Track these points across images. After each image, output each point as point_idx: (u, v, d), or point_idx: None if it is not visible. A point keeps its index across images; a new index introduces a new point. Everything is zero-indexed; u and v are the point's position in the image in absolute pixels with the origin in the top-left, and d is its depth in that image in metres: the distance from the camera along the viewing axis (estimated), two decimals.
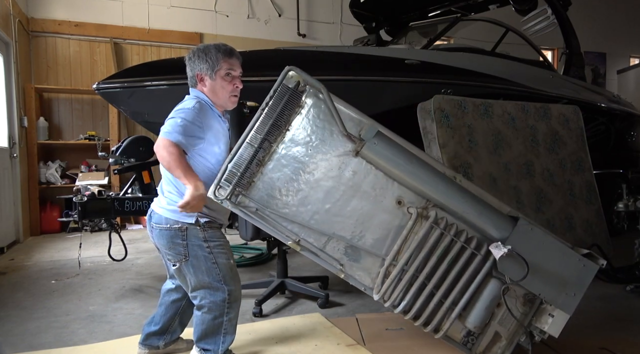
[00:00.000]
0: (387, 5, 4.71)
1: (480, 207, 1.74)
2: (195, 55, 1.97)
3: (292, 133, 1.75)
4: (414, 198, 1.76)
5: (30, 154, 5.37)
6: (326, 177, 1.76)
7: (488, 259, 1.70)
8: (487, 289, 1.72)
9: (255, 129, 1.71)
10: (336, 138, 1.75)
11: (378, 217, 1.76)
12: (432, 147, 3.18)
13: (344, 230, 1.76)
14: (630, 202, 3.48)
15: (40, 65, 5.72)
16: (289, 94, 1.72)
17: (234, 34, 6.52)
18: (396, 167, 1.72)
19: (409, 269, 1.71)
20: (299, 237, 1.75)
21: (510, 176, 3.36)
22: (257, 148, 1.71)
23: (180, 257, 1.86)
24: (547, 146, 3.62)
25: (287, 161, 1.75)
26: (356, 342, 2.29)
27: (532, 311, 1.75)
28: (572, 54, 4.68)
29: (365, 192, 1.76)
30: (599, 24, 8.75)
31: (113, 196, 3.29)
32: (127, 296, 3.11)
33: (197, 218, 1.84)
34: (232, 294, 1.89)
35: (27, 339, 2.40)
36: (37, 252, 4.46)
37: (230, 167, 1.70)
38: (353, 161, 1.75)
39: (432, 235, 1.71)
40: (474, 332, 1.72)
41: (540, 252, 1.73)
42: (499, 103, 3.47)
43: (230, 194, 1.70)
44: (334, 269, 1.77)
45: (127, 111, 3.12)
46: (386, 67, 3.42)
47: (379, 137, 1.72)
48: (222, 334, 1.91)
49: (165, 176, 1.92)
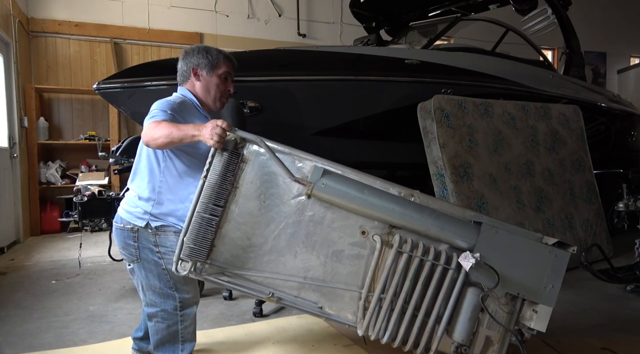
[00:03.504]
0: (387, 5, 4.71)
1: (441, 222, 1.72)
2: (195, 51, 1.94)
3: (242, 190, 1.72)
4: (377, 225, 1.74)
5: (31, 154, 5.37)
6: (286, 225, 1.73)
7: (461, 271, 1.69)
8: (466, 301, 1.71)
9: (202, 198, 1.68)
10: (287, 184, 1.72)
11: (346, 252, 1.74)
12: (432, 147, 3.18)
13: (315, 272, 1.73)
14: (631, 202, 3.48)
15: (40, 65, 5.72)
16: (227, 156, 1.68)
17: (234, 34, 6.52)
18: (350, 201, 1.70)
19: (386, 297, 1.69)
20: (271, 290, 1.72)
21: (510, 175, 3.36)
22: (209, 216, 1.67)
23: (132, 259, 1.84)
24: (547, 146, 3.62)
25: (243, 218, 1.72)
26: (353, 342, 2.30)
27: (516, 310, 1.75)
28: (572, 54, 4.68)
29: (327, 230, 1.74)
30: (599, 24, 8.75)
31: (113, 196, 3.29)
32: (127, 296, 3.11)
33: (148, 221, 1.80)
34: (185, 301, 1.85)
35: (27, 339, 2.40)
36: (37, 253, 4.46)
37: (187, 241, 1.67)
38: (309, 203, 1.73)
39: (400, 260, 1.70)
40: (464, 344, 1.72)
41: (510, 253, 1.72)
42: (499, 103, 3.47)
43: (192, 267, 1.68)
44: (314, 313, 1.74)
45: (127, 111, 3.12)
46: (386, 67, 3.42)
47: (326, 177, 1.70)
48: (180, 342, 1.87)
49: (132, 174, 1.90)
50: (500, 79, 3.80)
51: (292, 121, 3.19)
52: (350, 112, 3.35)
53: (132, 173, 1.89)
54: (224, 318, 2.66)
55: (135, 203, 1.83)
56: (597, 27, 8.70)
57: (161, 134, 1.64)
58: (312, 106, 3.22)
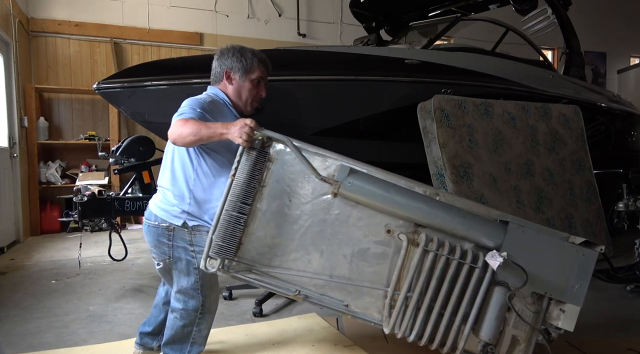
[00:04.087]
0: (387, 5, 4.71)
1: (467, 221, 1.73)
2: (230, 53, 1.94)
3: (268, 189, 1.74)
4: (402, 224, 1.75)
5: (31, 154, 5.37)
6: (312, 223, 1.75)
7: (487, 270, 1.69)
8: (493, 299, 1.70)
9: (230, 196, 1.70)
10: (313, 183, 1.74)
11: (372, 250, 1.75)
12: (432, 147, 3.18)
13: (341, 270, 1.75)
14: (631, 202, 3.48)
15: (40, 65, 5.72)
16: (255, 154, 1.71)
17: (234, 34, 6.52)
18: (376, 200, 1.72)
19: (412, 296, 1.69)
20: (297, 287, 1.73)
21: (510, 175, 3.35)
22: (237, 215, 1.70)
23: (164, 258, 1.84)
24: (547, 146, 3.62)
25: (270, 217, 1.74)
26: (354, 343, 2.30)
27: (543, 309, 1.74)
28: (572, 54, 4.68)
29: (353, 228, 1.75)
30: (599, 24, 8.75)
31: (113, 195, 3.29)
32: (127, 296, 3.11)
33: (185, 221, 1.81)
34: (206, 304, 1.87)
35: (27, 339, 2.40)
36: (37, 252, 4.46)
37: (215, 238, 1.69)
38: (334, 202, 1.74)
39: (426, 258, 1.70)
40: (491, 343, 1.72)
41: (537, 252, 1.72)
42: (499, 103, 3.47)
43: (221, 265, 1.69)
44: (340, 311, 1.75)
45: (127, 111, 3.11)
46: (386, 67, 3.42)
47: (352, 175, 1.71)
48: (190, 343, 1.88)
49: (163, 172, 1.89)
50: (500, 79, 3.80)
51: (292, 121, 3.19)
52: (350, 112, 3.35)
53: (164, 171, 1.88)
54: (224, 318, 2.66)
55: (171, 201, 1.82)
56: (597, 27, 8.69)
57: (189, 132, 1.65)
58: (312, 106, 3.22)
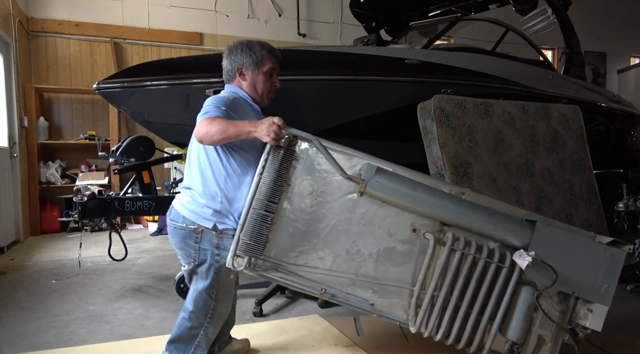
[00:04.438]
0: (387, 5, 4.71)
1: (495, 219, 1.72)
2: (239, 49, 1.93)
3: (293, 187, 1.75)
4: (428, 223, 1.75)
5: (31, 154, 5.37)
6: (338, 222, 1.75)
7: (514, 269, 1.68)
8: (520, 299, 1.71)
9: (257, 195, 1.71)
10: (339, 181, 1.74)
11: (397, 249, 1.75)
12: (432, 147, 3.18)
13: (366, 269, 1.75)
14: (631, 202, 3.48)
15: (40, 65, 5.72)
16: (282, 153, 1.72)
17: (234, 33, 6.52)
18: (403, 199, 1.72)
19: (439, 295, 1.69)
20: (323, 286, 1.74)
21: (510, 175, 3.35)
22: (264, 213, 1.70)
23: (189, 260, 1.82)
24: (547, 146, 3.62)
25: (295, 215, 1.74)
26: (354, 343, 2.29)
27: (569, 309, 1.74)
28: (572, 54, 4.68)
29: (379, 227, 1.75)
30: (599, 24, 8.74)
31: (113, 195, 3.29)
32: (128, 296, 3.11)
33: (216, 223, 1.78)
34: (217, 310, 1.85)
35: (27, 339, 2.40)
36: (37, 252, 4.46)
37: (243, 237, 1.69)
38: (360, 201, 1.74)
39: (453, 258, 1.70)
40: (518, 342, 1.72)
41: (565, 251, 1.71)
42: (499, 103, 3.46)
43: (247, 263, 1.70)
44: (365, 310, 1.76)
45: (127, 111, 3.11)
46: (386, 67, 3.42)
47: (379, 174, 1.71)
48: (194, 346, 1.86)
49: (190, 173, 1.87)
50: (500, 79, 3.80)
51: (292, 121, 3.18)
52: (350, 112, 3.35)
53: (191, 171, 1.86)
54: None
55: (200, 202, 1.79)
56: (597, 27, 8.69)
57: (217, 130, 1.64)
58: (312, 106, 3.22)
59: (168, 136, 3.17)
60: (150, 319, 2.69)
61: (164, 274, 3.67)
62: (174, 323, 2.48)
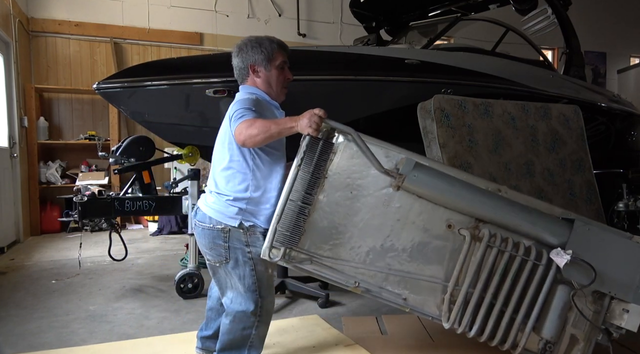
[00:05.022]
0: (387, 5, 4.71)
1: (532, 217, 1.71)
2: (249, 47, 1.91)
3: (330, 180, 1.74)
4: (463, 219, 1.74)
5: (31, 154, 5.37)
6: (372, 216, 1.75)
7: (551, 267, 1.68)
8: (556, 297, 1.70)
9: (295, 185, 1.70)
10: (375, 175, 1.74)
11: (431, 245, 1.75)
12: (432, 147, 3.18)
13: (400, 263, 1.75)
14: (631, 202, 3.48)
15: (40, 65, 5.72)
16: (320, 145, 1.72)
17: (234, 33, 6.52)
18: (440, 194, 1.71)
19: (474, 292, 1.69)
20: (357, 279, 1.73)
21: (510, 175, 3.35)
22: (301, 204, 1.70)
23: (221, 259, 1.81)
24: (547, 146, 3.62)
25: (331, 208, 1.74)
26: (354, 342, 2.30)
27: (603, 309, 1.73)
28: (572, 54, 4.67)
29: (413, 222, 1.75)
30: (599, 24, 8.74)
31: (113, 195, 3.29)
32: (128, 296, 3.11)
33: (241, 221, 1.78)
34: (265, 306, 1.82)
35: (27, 339, 2.40)
36: (37, 252, 4.46)
37: (279, 228, 1.69)
38: (396, 195, 1.74)
39: (489, 254, 1.69)
40: (551, 341, 1.71)
41: (602, 251, 1.71)
42: (499, 103, 3.46)
43: (283, 254, 1.69)
44: (397, 304, 1.75)
45: (127, 111, 3.11)
46: (386, 67, 3.42)
47: (417, 169, 1.70)
48: (247, 347, 1.83)
49: (214, 173, 1.87)
50: (500, 79, 3.80)
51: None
52: (350, 112, 3.34)
53: (215, 172, 1.86)
54: None
55: (225, 203, 1.79)
56: (597, 27, 8.69)
57: (259, 131, 1.64)
58: (312, 106, 3.21)
59: (168, 136, 3.18)
60: (150, 319, 2.69)
61: (164, 274, 3.67)
62: (174, 323, 2.49)
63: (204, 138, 2.97)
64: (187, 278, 3.05)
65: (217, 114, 2.78)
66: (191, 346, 2.09)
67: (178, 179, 3.79)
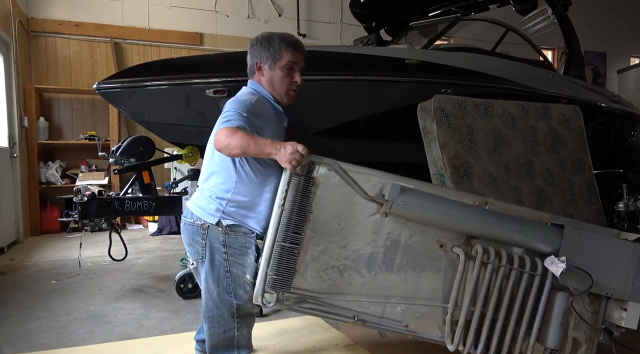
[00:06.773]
0: (387, 5, 4.71)
1: (522, 227, 1.70)
2: (258, 43, 1.85)
3: (315, 215, 1.69)
4: (455, 237, 1.72)
5: (31, 154, 5.37)
6: (363, 245, 1.71)
7: (547, 276, 1.67)
8: (555, 306, 1.70)
9: (281, 227, 1.66)
10: (361, 204, 1.70)
11: (426, 266, 1.73)
12: (432, 147, 3.18)
13: (397, 290, 1.72)
14: (631, 202, 3.48)
15: (40, 65, 5.72)
16: (301, 182, 1.66)
17: (234, 34, 6.52)
18: (429, 215, 1.69)
19: (474, 310, 1.67)
20: (355, 312, 1.70)
21: (510, 175, 3.35)
22: (289, 245, 1.65)
23: (197, 257, 1.77)
24: (547, 146, 3.62)
25: (320, 243, 1.70)
26: (354, 342, 2.30)
27: (601, 309, 1.73)
28: (572, 54, 4.67)
29: (405, 246, 1.72)
30: (599, 24, 8.74)
31: (113, 196, 3.29)
32: (128, 296, 3.11)
33: (220, 219, 1.73)
34: (241, 309, 1.77)
35: (27, 339, 2.40)
36: (37, 252, 4.46)
37: (270, 272, 1.65)
38: (384, 221, 1.70)
39: (485, 271, 1.68)
40: (556, 349, 1.71)
41: (595, 253, 1.70)
42: (499, 103, 3.46)
43: (277, 299, 1.66)
44: (399, 331, 1.73)
45: (127, 111, 3.11)
46: (386, 67, 3.42)
47: (403, 193, 1.67)
48: (235, 348, 1.79)
49: (203, 167, 1.84)
50: (500, 79, 3.80)
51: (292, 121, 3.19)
52: (350, 112, 3.35)
53: (205, 171, 1.83)
54: None
55: (208, 200, 1.76)
56: (597, 27, 8.69)
57: (237, 145, 1.58)
58: (312, 106, 3.22)
59: (168, 136, 3.17)
60: (150, 319, 2.69)
61: (164, 274, 3.67)
62: (174, 323, 2.50)
63: (204, 138, 2.95)
64: (187, 278, 3.05)
65: (217, 114, 2.77)
66: (191, 346, 2.08)
67: (178, 180, 3.79)
